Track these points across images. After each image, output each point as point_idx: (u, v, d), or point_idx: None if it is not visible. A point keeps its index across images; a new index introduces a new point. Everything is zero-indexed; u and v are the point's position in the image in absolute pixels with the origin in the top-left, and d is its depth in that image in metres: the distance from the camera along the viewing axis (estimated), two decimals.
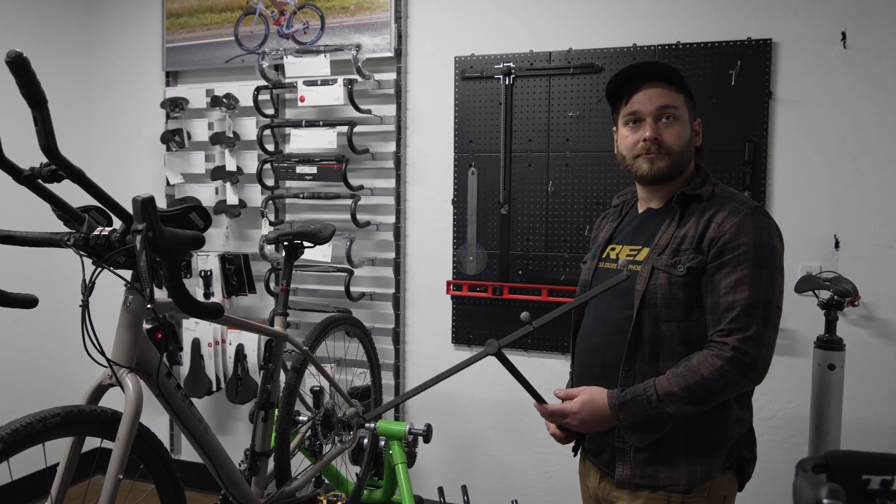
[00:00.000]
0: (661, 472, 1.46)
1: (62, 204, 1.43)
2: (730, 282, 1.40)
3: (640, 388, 1.42)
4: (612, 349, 1.51)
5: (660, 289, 1.45)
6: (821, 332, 2.17)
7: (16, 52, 1.12)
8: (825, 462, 0.91)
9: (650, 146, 1.51)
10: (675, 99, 1.52)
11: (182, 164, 3.27)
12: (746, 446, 1.53)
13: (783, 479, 2.56)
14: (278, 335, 2.18)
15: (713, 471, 1.45)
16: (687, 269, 1.44)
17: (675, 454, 1.46)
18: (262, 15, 3.15)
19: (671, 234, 1.50)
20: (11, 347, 3.16)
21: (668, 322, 1.45)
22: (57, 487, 1.45)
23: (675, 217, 1.53)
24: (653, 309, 1.46)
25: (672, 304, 1.45)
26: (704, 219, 1.47)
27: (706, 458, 1.46)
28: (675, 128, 1.52)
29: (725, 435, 1.47)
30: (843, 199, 2.46)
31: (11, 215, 2.61)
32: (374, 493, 2.75)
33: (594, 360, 1.56)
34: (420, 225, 3.00)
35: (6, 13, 3.10)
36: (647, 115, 1.51)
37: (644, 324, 1.47)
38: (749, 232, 1.42)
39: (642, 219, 1.61)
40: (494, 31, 2.84)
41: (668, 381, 1.40)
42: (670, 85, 1.52)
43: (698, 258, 1.44)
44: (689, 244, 1.46)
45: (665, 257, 1.47)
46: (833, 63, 2.44)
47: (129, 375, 1.47)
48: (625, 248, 1.59)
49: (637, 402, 1.41)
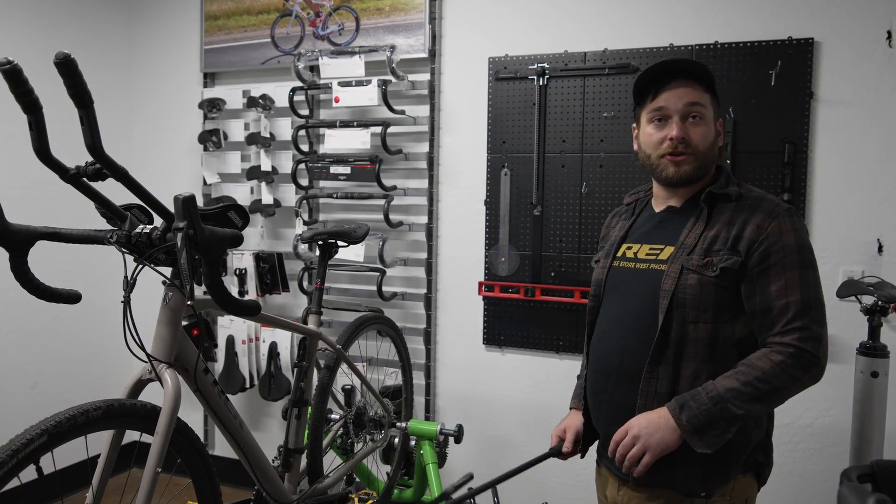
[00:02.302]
0: (679, 473, 1.44)
1: (106, 202, 1.46)
2: (780, 285, 1.39)
3: (699, 388, 1.39)
4: (633, 350, 1.48)
5: (689, 289, 1.43)
6: (863, 338, 2.12)
7: (64, 53, 1.14)
8: (871, 472, 0.89)
9: (677, 146, 1.48)
10: (702, 98, 1.50)
11: (218, 163, 3.33)
12: (763, 451, 1.51)
13: (821, 489, 2.50)
14: (312, 333, 2.20)
15: (730, 475, 1.44)
16: (721, 269, 1.42)
17: (693, 457, 1.43)
18: (298, 17, 3.18)
19: (699, 234, 1.48)
20: (54, 341, 3.25)
21: (695, 323, 1.43)
22: (98, 478, 1.48)
23: (701, 216, 1.50)
24: (682, 309, 1.44)
25: (702, 306, 1.43)
26: (739, 220, 1.45)
27: (724, 462, 1.43)
28: (702, 127, 1.49)
29: (744, 439, 1.44)
30: (886, 202, 2.39)
31: (56, 213, 2.68)
32: (404, 492, 2.76)
33: (612, 362, 1.53)
34: (452, 225, 3.01)
35: (54, 20, 3.19)
36: (675, 112, 1.49)
37: (672, 324, 1.44)
38: (790, 233, 1.41)
39: (663, 217, 1.59)
40: (529, 31, 2.83)
41: (728, 378, 1.37)
42: (699, 84, 1.50)
43: (733, 259, 1.42)
44: (723, 245, 1.44)
45: (696, 257, 1.45)
46: (878, 62, 2.37)
47: (168, 371, 1.50)
48: (644, 247, 1.57)
49: (697, 400, 1.37)
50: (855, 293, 2.16)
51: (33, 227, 1.44)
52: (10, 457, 1.18)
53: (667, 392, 1.44)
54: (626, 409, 1.47)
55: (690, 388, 1.42)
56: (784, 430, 2.53)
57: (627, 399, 1.47)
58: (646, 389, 1.45)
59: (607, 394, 1.54)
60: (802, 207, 2.47)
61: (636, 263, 1.55)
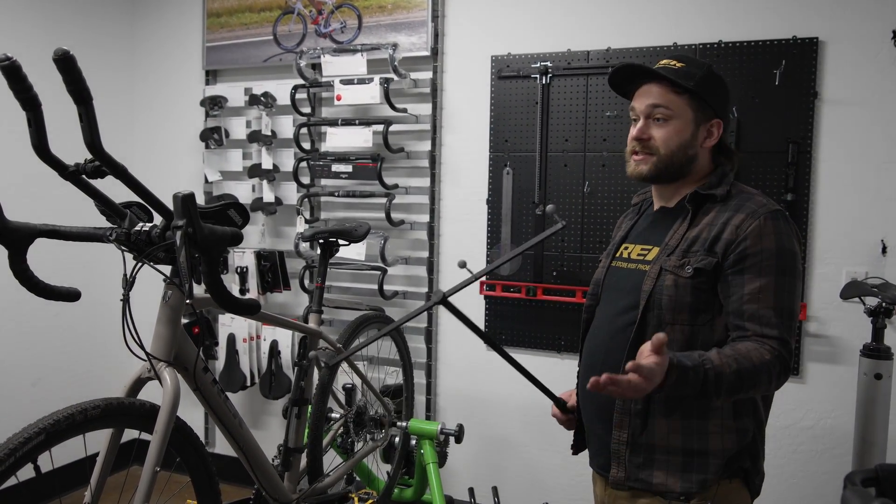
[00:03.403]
0: (656, 477, 1.44)
1: (105, 199, 1.45)
2: (754, 288, 1.36)
3: (699, 361, 1.27)
4: (615, 349, 1.48)
5: (666, 290, 1.42)
6: (867, 339, 2.10)
7: (63, 49, 1.14)
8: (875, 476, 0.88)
9: (636, 145, 1.51)
10: (669, 99, 1.47)
11: (220, 161, 3.32)
12: (749, 458, 1.47)
13: (824, 490, 2.48)
14: (313, 332, 2.19)
15: (708, 480, 1.42)
16: (694, 269, 1.40)
17: (670, 461, 1.42)
18: (301, 14, 3.17)
19: (682, 235, 1.47)
20: (53, 339, 3.25)
21: (672, 325, 1.42)
22: (96, 477, 1.47)
23: (686, 217, 1.49)
24: (658, 311, 1.43)
25: (677, 307, 1.41)
26: (720, 220, 1.43)
27: (703, 466, 1.42)
28: (665, 129, 1.48)
29: (726, 445, 1.42)
30: (890, 203, 2.38)
31: (55, 211, 2.68)
32: (404, 491, 2.75)
33: (597, 360, 1.53)
34: (454, 224, 3.00)
35: (56, 16, 3.19)
36: (641, 113, 1.51)
37: (648, 325, 1.44)
38: (770, 236, 1.38)
39: (655, 218, 1.59)
40: (531, 30, 2.82)
41: (721, 360, 1.28)
42: (673, 85, 1.47)
43: (707, 259, 1.40)
44: (701, 245, 1.43)
45: (674, 258, 1.44)
46: (883, 62, 2.36)
47: (168, 369, 1.49)
48: (636, 248, 1.57)
49: (694, 381, 1.25)
50: (858, 294, 2.15)
51: (32, 225, 1.44)
52: (8, 456, 1.18)
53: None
54: (605, 405, 1.49)
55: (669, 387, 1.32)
56: (786, 432, 2.52)
57: (607, 396, 1.43)
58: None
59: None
60: (806, 208, 2.46)
61: (628, 263, 1.56)
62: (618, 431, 1.47)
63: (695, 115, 1.49)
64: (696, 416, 1.42)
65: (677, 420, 1.43)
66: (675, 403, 1.43)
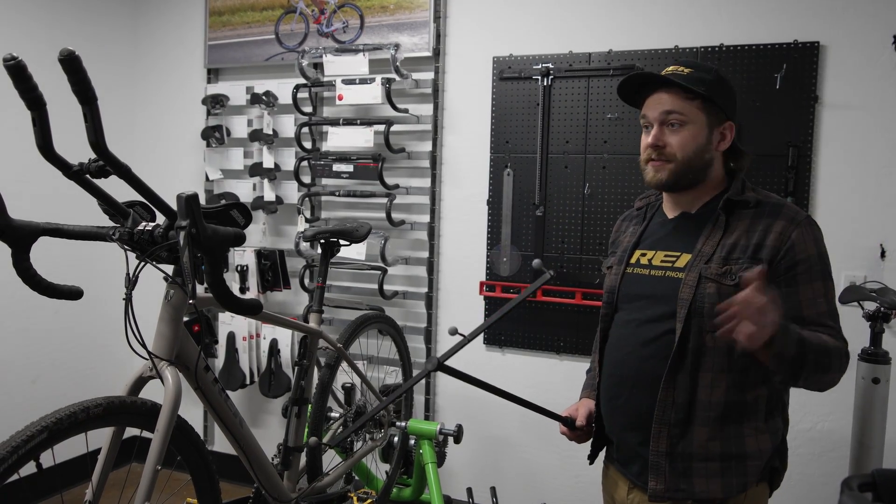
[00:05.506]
0: (697, 484, 1.43)
1: (108, 199, 1.46)
2: (808, 295, 1.42)
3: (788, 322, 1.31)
4: (650, 359, 1.47)
5: (708, 298, 1.41)
6: (865, 344, 2.11)
7: (68, 49, 1.14)
8: (872, 481, 0.88)
9: (652, 153, 1.50)
10: (682, 105, 1.47)
11: (221, 159, 3.32)
12: (779, 456, 1.51)
13: (819, 493, 2.49)
14: (313, 332, 2.20)
15: (748, 483, 1.43)
16: (740, 278, 1.39)
17: (708, 467, 1.43)
18: (303, 14, 3.18)
19: (717, 242, 1.46)
20: (55, 337, 3.25)
21: (713, 333, 1.40)
22: (98, 474, 1.48)
23: (718, 223, 1.49)
24: (699, 318, 1.42)
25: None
26: (760, 227, 1.44)
27: (742, 470, 1.43)
28: (681, 134, 1.47)
29: (762, 446, 1.44)
30: (890, 208, 2.39)
31: (58, 209, 2.68)
32: (403, 491, 2.76)
33: (629, 369, 1.52)
34: (454, 225, 3.00)
35: (59, 15, 3.19)
36: (654, 120, 1.50)
37: (690, 333, 1.43)
38: (812, 243, 1.44)
39: (677, 223, 1.57)
40: (533, 31, 2.82)
41: (805, 332, 1.34)
42: (685, 91, 1.47)
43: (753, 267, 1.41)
44: (742, 253, 1.43)
45: (714, 265, 1.43)
46: (884, 66, 2.37)
47: (169, 368, 1.50)
48: (659, 254, 1.55)
49: (793, 329, 1.30)
50: (857, 299, 2.15)
51: (36, 223, 1.44)
52: (11, 453, 1.19)
53: (684, 401, 1.43)
54: (642, 415, 1.47)
55: (709, 397, 1.42)
56: None
57: (644, 405, 1.47)
58: (664, 399, 1.44)
59: (622, 399, 1.53)
60: (805, 211, 2.46)
61: (651, 270, 1.54)
62: (655, 443, 1.45)
63: (708, 119, 1.49)
64: (733, 421, 1.43)
65: (717, 427, 1.43)
66: (715, 411, 1.43)
